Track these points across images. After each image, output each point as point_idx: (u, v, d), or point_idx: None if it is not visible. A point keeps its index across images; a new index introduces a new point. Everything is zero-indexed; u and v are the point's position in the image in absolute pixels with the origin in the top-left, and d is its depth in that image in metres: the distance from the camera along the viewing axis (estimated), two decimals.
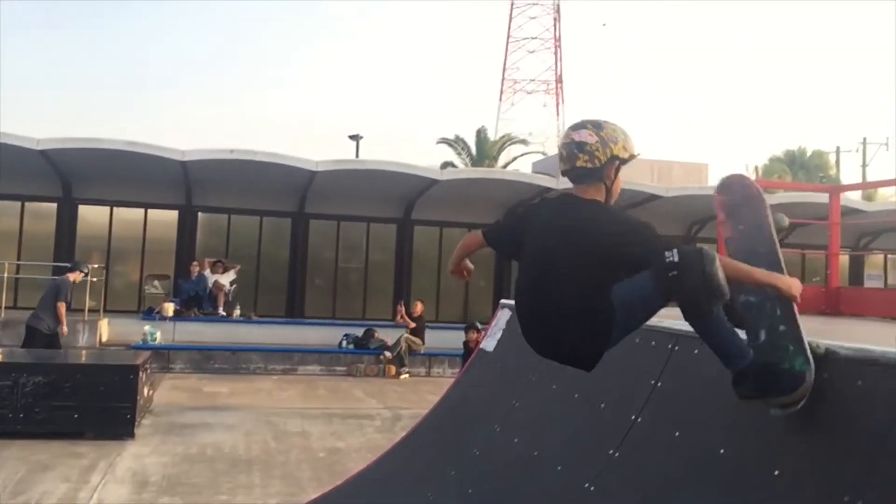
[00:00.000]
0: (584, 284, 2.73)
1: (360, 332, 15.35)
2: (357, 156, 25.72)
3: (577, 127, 2.94)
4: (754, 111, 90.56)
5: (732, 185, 3.48)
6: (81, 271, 11.09)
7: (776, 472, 2.63)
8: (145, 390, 8.98)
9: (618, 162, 2.91)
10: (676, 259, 2.59)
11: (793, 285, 2.80)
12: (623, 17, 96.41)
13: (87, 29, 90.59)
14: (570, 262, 2.76)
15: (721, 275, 2.58)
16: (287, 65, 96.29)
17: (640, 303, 2.74)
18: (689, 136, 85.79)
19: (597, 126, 2.91)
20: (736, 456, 2.87)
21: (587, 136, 2.88)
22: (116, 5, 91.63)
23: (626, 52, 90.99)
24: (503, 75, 60.97)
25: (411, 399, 11.77)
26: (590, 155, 2.86)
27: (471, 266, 3.50)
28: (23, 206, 16.59)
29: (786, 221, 4.79)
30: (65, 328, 10.57)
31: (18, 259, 15.75)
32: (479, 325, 11.64)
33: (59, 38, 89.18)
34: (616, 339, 2.80)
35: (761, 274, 2.81)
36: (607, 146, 2.87)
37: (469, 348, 11.76)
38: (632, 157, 2.96)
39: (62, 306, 10.40)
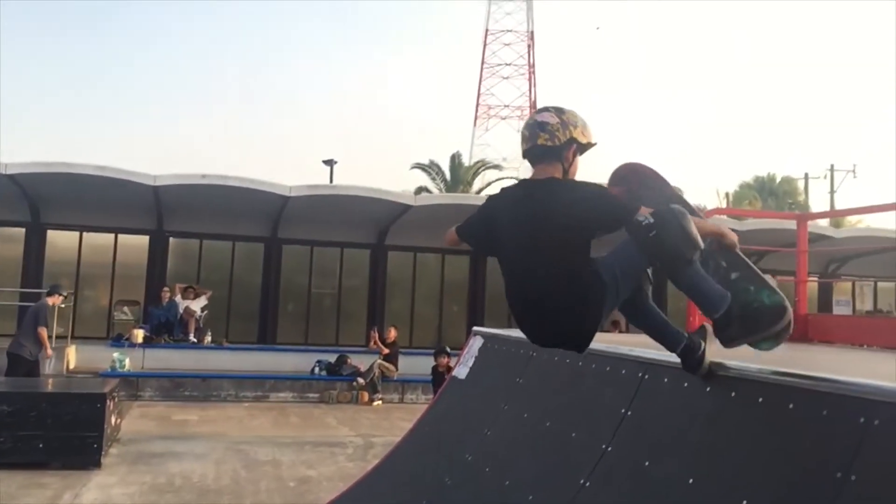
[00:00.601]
0: (564, 258, 2.89)
1: (333, 358, 15.25)
2: (331, 180, 25.68)
3: (540, 110, 3.17)
4: (725, 137, 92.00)
5: (626, 176, 3.62)
6: (60, 294, 11.17)
7: (744, 502, 2.64)
8: (113, 419, 8.82)
9: (576, 145, 3.11)
10: (652, 220, 2.82)
11: (731, 233, 3.06)
12: (591, 43, 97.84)
13: (57, 49, 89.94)
14: (546, 244, 2.90)
15: (693, 227, 2.84)
16: (259, 87, 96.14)
17: (627, 267, 2.95)
18: (659, 162, 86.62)
19: (559, 111, 3.13)
20: (705, 485, 2.88)
21: (549, 118, 3.10)
22: (83, 23, 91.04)
23: (598, 78, 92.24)
24: (478, 101, 61.48)
25: (384, 426, 11.68)
26: (550, 134, 3.07)
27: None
28: None
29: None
30: (49, 350, 10.73)
31: None
32: (449, 350, 11.55)
33: (27, 61, 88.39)
34: (609, 307, 2.96)
35: (710, 224, 3.05)
36: (567, 128, 3.08)
37: (438, 372, 11.63)
38: (590, 144, 3.16)
39: (43, 331, 10.49)
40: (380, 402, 14.38)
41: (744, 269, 3.02)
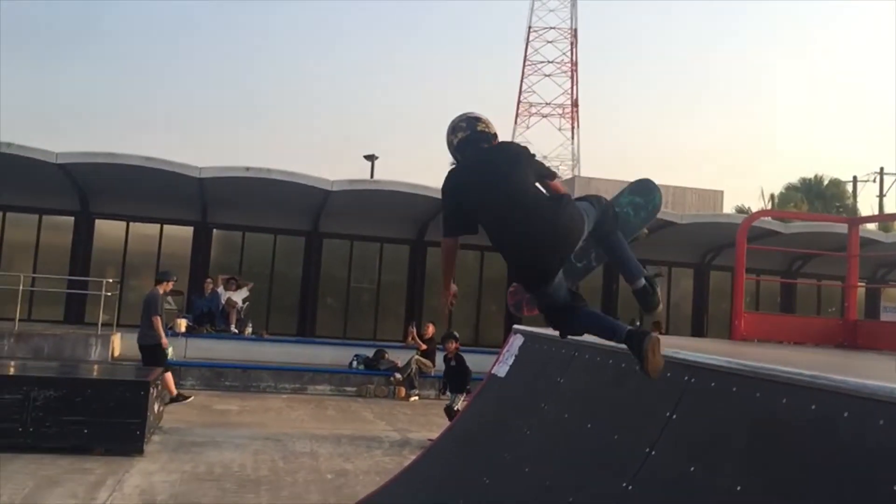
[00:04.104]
0: (538, 195, 3.64)
1: (370, 352, 15.30)
2: (372, 176, 25.78)
3: (465, 113, 3.90)
4: (771, 138, 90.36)
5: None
6: (170, 280, 11.33)
7: None
8: (155, 407, 8.96)
9: (497, 138, 3.89)
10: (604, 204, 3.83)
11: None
12: (639, 40, 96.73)
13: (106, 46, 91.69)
14: (521, 195, 3.55)
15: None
16: (303, 83, 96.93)
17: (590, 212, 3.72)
18: (704, 163, 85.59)
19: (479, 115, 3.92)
20: (753, 493, 2.81)
21: (479, 115, 3.91)
22: (127, 20, 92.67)
23: (642, 76, 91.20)
24: (519, 98, 61.22)
25: (420, 422, 11.70)
26: (485, 124, 3.88)
27: (455, 288, 4.04)
28: (40, 220, 16.70)
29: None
30: (164, 340, 10.90)
31: (34, 272, 15.84)
32: (457, 336, 11.08)
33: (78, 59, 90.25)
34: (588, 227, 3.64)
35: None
36: (492, 125, 3.91)
37: (447, 359, 11.08)
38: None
39: (157, 320, 10.79)
40: (416, 397, 14.41)
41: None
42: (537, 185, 3.72)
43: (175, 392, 11.33)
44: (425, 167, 79.27)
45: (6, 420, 7.78)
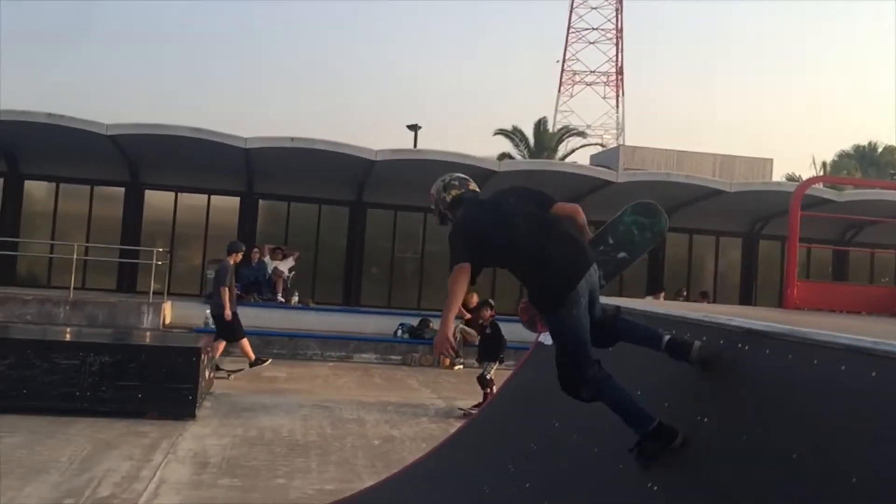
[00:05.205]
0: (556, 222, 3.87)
1: (415, 321, 15.39)
2: (415, 146, 25.75)
3: (452, 173, 4.21)
4: (823, 105, 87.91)
5: None
6: (240, 251, 11.52)
7: (854, 480, 2.52)
8: (206, 373, 9.16)
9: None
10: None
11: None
12: (688, 6, 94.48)
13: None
14: (554, 222, 3.82)
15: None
16: (344, 54, 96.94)
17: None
18: (754, 130, 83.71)
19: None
20: (809, 460, 2.76)
21: (467, 176, 4.21)
22: None
23: (690, 42, 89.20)
24: (563, 66, 60.41)
25: (465, 390, 11.74)
26: (475, 184, 4.20)
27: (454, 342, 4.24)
28: (92, 191, 17.08)
29: None
30: (227, 311, 10.99)
31: (87, 241, 16.22)
32: (493, 303, 10.98)
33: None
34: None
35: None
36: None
37: (482, 327, 11.04)
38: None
39: (224, 290, 10.93)
40: (461, 366, 14.45)
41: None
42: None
43: (253, 356, 11.54)
44: (466, 138, 78.94)
45: (65, 385, 8.03)
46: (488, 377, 9.70)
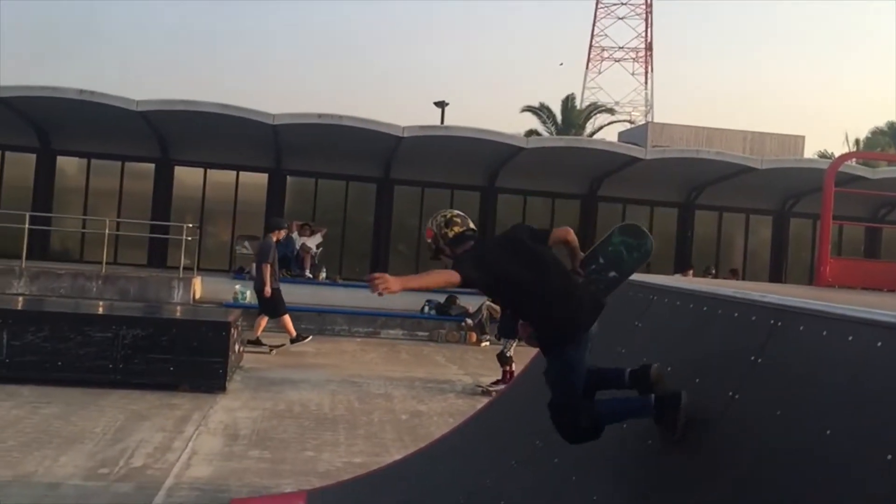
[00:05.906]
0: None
1: (442, 298, 15.41)
2: (442, 122, 25.67)
3: (453, 210, 4.28)
4: (856, 81, 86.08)
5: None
6: (282, 228, 11.71)
7: (889, 457, 2.49)
8: (236, 347, 9.27)
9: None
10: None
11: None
12: None
13: None
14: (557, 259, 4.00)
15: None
16: (368, 33, 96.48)
17: None
18: (785, 107, 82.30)
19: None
20: (843, 438, 2.74)
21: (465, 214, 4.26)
22: None
23: (721, 17, 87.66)
24: (591, 42, 59.74)
25: (491, 367, 11.73)
26: (473, 223, 4.24)
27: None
28: (123, 166, 17.28)
29: None
30: (268, 288, 11.12)
31: (118, 217, 16.42)
32: None
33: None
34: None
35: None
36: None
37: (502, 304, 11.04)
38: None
39: (265, 267, 11.09)
40: (487, 343, 14.48)
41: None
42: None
43: (294, 333, 11.66)
44: (494, 115, 78.53)
45: (98, 357, 8.18)
46: (508, 354, 9.66)
